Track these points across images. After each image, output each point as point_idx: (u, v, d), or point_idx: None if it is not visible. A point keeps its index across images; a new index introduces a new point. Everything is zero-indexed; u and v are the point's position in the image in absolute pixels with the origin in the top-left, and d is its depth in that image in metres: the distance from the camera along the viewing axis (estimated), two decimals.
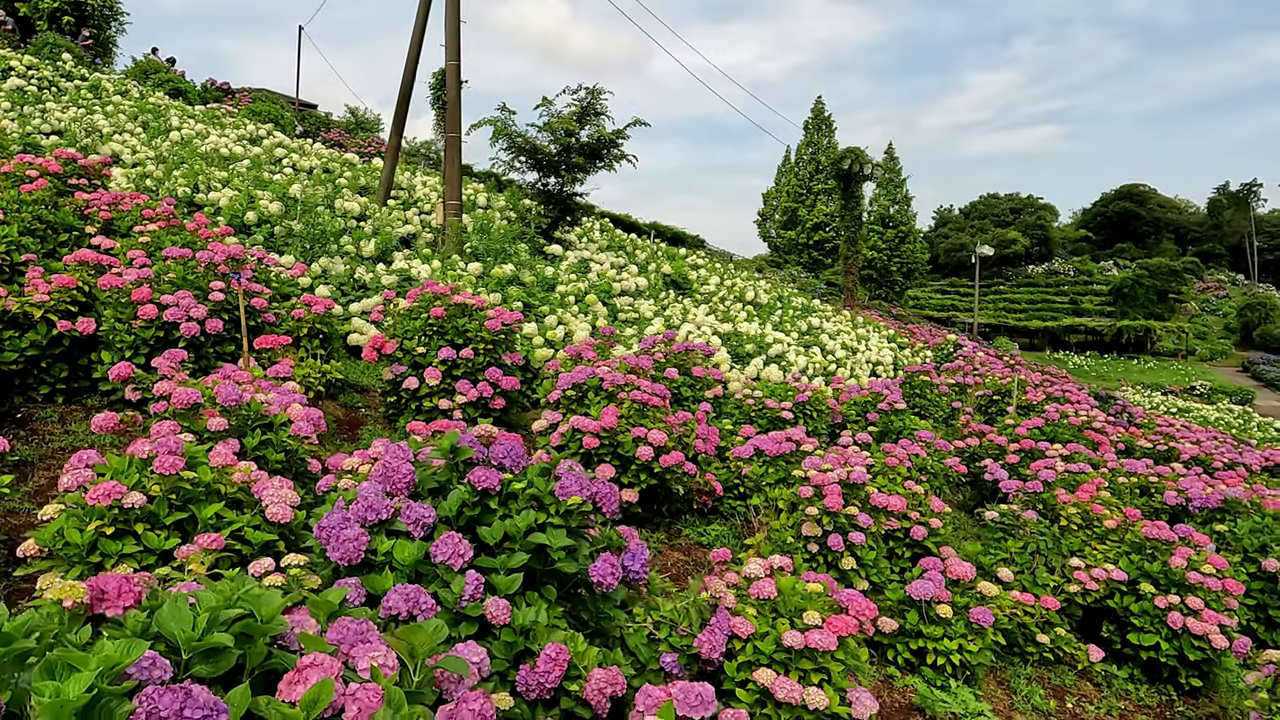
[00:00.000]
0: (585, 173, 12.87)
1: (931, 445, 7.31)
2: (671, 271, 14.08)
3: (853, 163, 27.95)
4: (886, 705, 4.64)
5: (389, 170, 13.32)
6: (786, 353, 10.38)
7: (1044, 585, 5.74)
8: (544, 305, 9.04)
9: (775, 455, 5.73)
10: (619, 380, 5.95)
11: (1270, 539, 6.49)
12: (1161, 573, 5.82)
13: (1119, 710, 5.26)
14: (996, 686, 5.21)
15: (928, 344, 17.16)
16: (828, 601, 3.62)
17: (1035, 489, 6.67)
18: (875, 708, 3.40)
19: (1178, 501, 7.23)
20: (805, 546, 5.29)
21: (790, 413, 7.85)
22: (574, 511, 3.16)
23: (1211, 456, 11.13)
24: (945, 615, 4.95)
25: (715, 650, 3.25)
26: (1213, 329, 65.11)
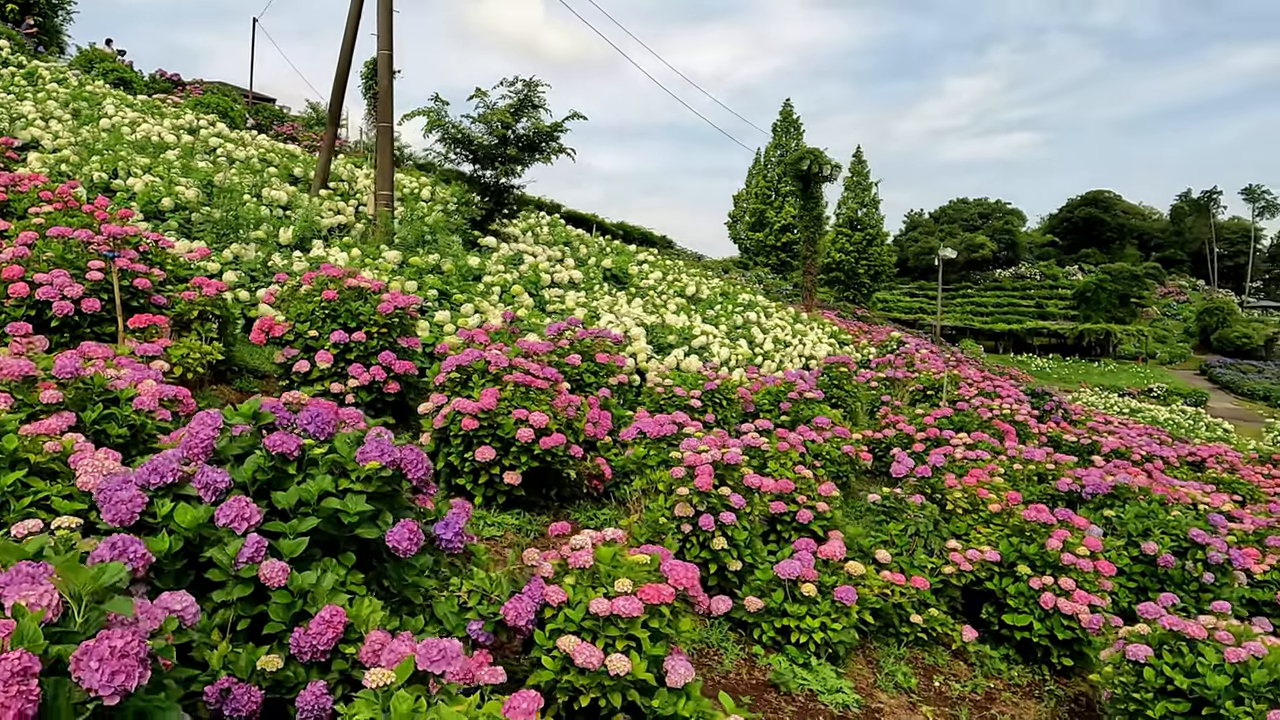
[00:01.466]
0: (521, 165, 12.84)
1: (830, 431, 7.36)
2: (612, 266, 14.09)
3: (811, 163, 28.13)
4: (745, 682, 4.66)
5: (324, 161, 13.21)
6: (710, 344, 10.43)
7: (921, 567, 5.79)
8: (461, 294, 9.00)
9: (657, 437, 5.74)
10: (503, 363, 5.92)
11: (1153, 523, 6.61)
12: (1038, 555, 5.90)
13: (985, 688, 5.32)
14: (865, 665, 5.25)
15: (872, 341, 17.33)
16: (651, 572, 3.62)
17: (924, 474, 6.74)
18: (690, 676, 3.40)
19: (1071, 487, 7.35)
20: (679, 527, 5.30)
21: (699, 401, 7.87)
22: (373, 477, 3.13)
23: (1131, 450, 11.34)
24: (810, 594, 4.98)
25: (521, 618, 3.23)
26: (1173, 333, 66.30)
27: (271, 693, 2.76)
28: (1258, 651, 4.14)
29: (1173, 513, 6.68)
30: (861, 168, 57.14)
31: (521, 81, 12.69)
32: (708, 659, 4.79)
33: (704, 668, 4.70)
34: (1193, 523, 6.52)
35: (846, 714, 4.58)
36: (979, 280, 76.35)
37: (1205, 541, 6.34)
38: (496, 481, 5.76)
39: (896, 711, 4.77)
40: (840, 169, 28.44)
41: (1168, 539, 6.44)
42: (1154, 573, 6.41)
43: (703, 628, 5.06)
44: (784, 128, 54.65)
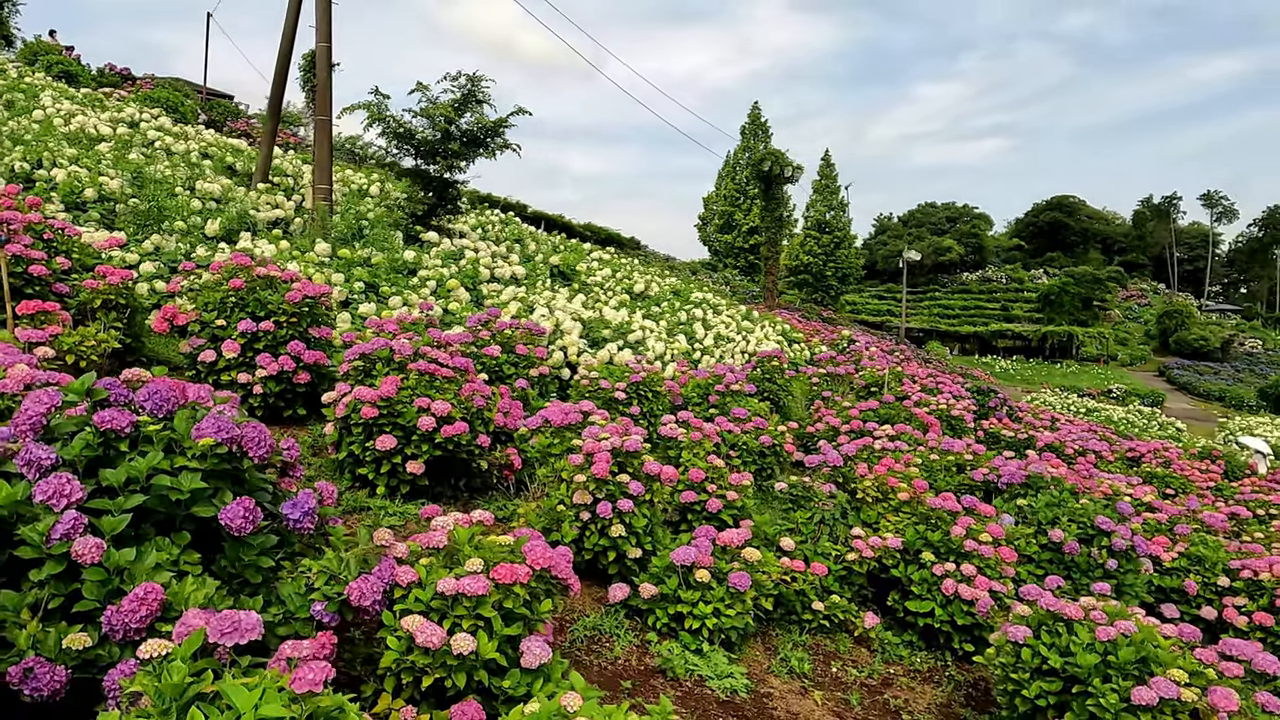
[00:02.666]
0: (465, 160, 12.75)
1: (748, 423, 7.37)
2: (560, 263, 14.05)
3: (773, 164, 28.28)
4: (634, 669, 4.63)
5: (265, 154, 13.03)
6: (646, 339, 10.42)
7: (825, 554, 5.81)
8: (389, 287, 8.90)
9: (562, 425, 5.70)
10: (408, 351, 5.86)
11: (1061, 512, 6.69)
12: (942, 542, 5.95)
13: (883, 674, 5.34)
14: (763, 652, 5.25)
15: (823, 340, 17.44)
16: (512, 553, 3.58)
17: (836, 463, 6.77)
18: (546, 657, 3.37)
19: (988, 477, 7.42)
20: (577, 515, 5.26)
21: (623, 393, 7.84)
22: (209, 454, 3.06)
23: (1064, 445, 11.49)
24: (704, 580, 4.97)
25: (367, 598, 3.18)
26: (1134, 335, 67.51)
27: (83, 672, 2.69)
28: (1128, 630, 4.19)
29: (1081, 501, 6.77)
30: (830, 171, 57.57)
31: (465, 76, 12.62)
32: (599, 646, 4.76)
33: (594, 654, 4.67)
34: (1100, 510, 6.60)
35: (734, 699, 4.56)
36: (947, 283, 77.25)
37: (1110, 529, 6.42)
38: (399, 471, 5.69)
39: (786, 696, 4.77)
40: (802, 170, 28.64)
41: (1074, 526, 6.52)
42: (1061, 559, 6.48)
43: (598, 615, 5.03)
44: (752, 130, 54.95)
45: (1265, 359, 62.38)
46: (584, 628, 4.86)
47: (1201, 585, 6.96)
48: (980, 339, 63.38)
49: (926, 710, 4.99)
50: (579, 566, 5.41)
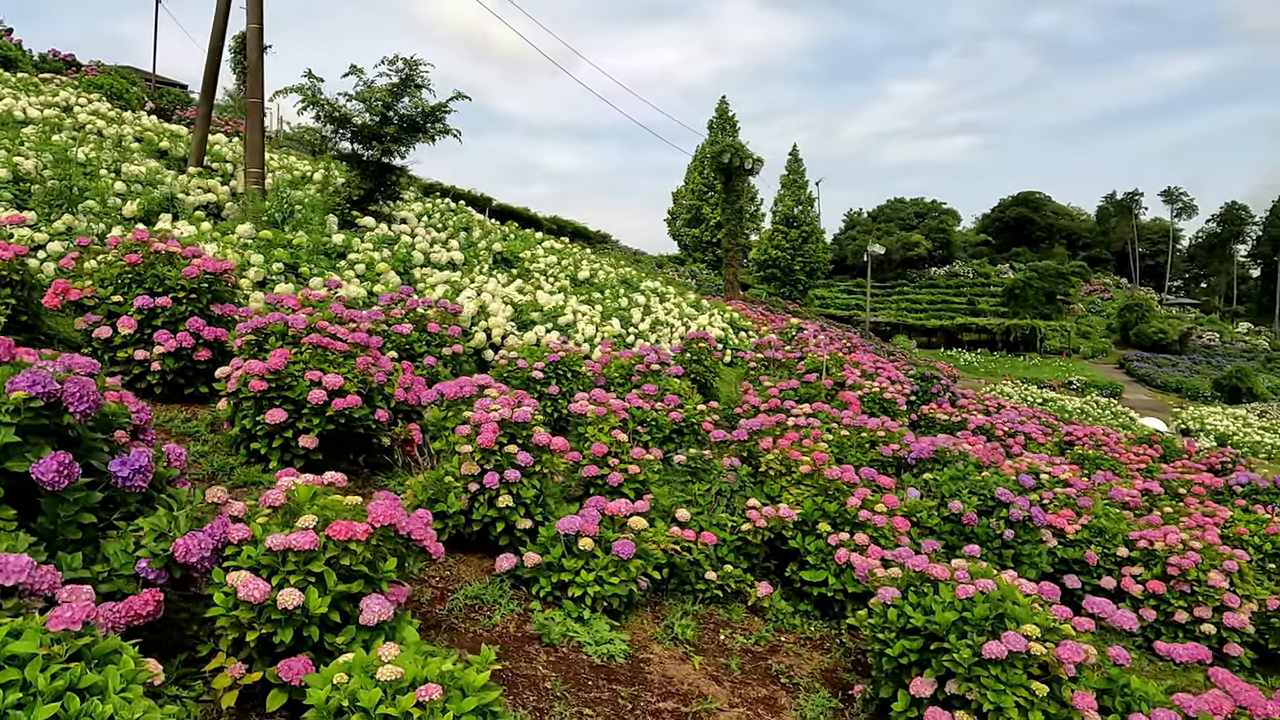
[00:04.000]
0: (403, 145, 12.65)
1: (661, 400, 7.40)
2: (503, 250, 14.00)
3: (732, 156, 28.38)
4: (511, 635, 4.63)
5: (199, 138, 12.83)
6: (577, 322, 10.42)
7: (721, 525, 5.84)
8: (309, 267, 8.81)
9: (455, 398, 5.68)
10: (302, 325, 5.80)
11: (964, 485, 6.79)
12: (838, 512, 6.01)
13: (771, 642, 5.39)
14: (651, 620, 5.27)
15: (773, 329, 17.56)
16: (356, 511, 3.56)
17: (741, 437, 6.82)
18: (386, 614, 3.36)
19: (899, 453, 7.51)
20: (466, 486, 5.25)
21: (542, 372, 7.84)
22: (22, 408, 3.01)
23: (995, 427, 11.65)
24: (587, 548, 4.98)
25: (194, 554, 3.15)
26: (1096, 329, 68.64)
27: None
28: (986, 588, 4.27)
29: (983, 474, 6.87)
30: (797, 166, 57.84)
31: (403, 60, 12.50)
32: (478, 614, 4.75)
33: (471, 621, 4.66)
34: (999, 483, 6.71)
35: (609, 664, 4.58)
36: (915, 278, 78.04)
37: (1009, 500, 6.52)
38: (292, 445, 5.63)
39: (665, 661, 4.80)
40: (762, 162, 28.76)
41: (974, 499, 6.61)
42: (961, 531, 6.58)
43: (482, 585, 5.02)
44: (720, 125, 55.07)
45: (1222, 351, 63.75)
46: (464, 596, 4.86)
47: (1102, 556, 7.11)
48: (946, 333, 64.11)
49: (810, 675, 5.04)
50: (469, 538, 5.42)
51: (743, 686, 4.72)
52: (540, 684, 4.18)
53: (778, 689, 4.79)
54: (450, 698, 2.81)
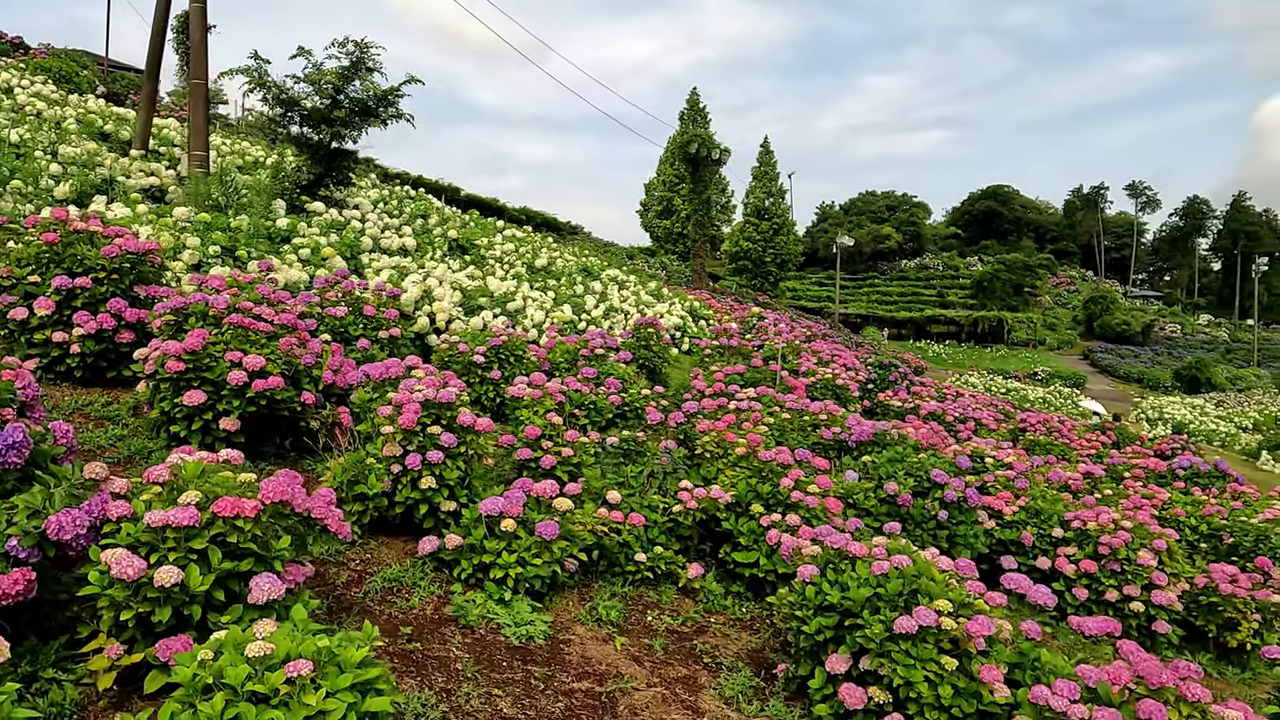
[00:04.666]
0: (354, 129, 12.43)
1: (604, 383, 7.35)
2: (458, 236, 13.84)
3: (700, 146, 28.33)
4: (427, 617, 4.55)
5: (143, 120, 12.52)
6: (527, 308, 10.33)
7: (653, 506, 5.80)
8: (245, 250, 8.63)
9: (380, 379, 5.58)
10: (221, 305, 5.66)
11: (901, 467, 6.80)
12: (771, 494, 6.00)
13: (699, 622, 5.36)
14: (577, 602, 5.22)
15: (734, 317, 17.58)
16: (249, 488, 3.46)
17: (678, 420, 6.78)
18: (277, 593, 3.27)
19: (840, 436, 7.52)
20: (389, 468, 5.16)
21: (483, 357, 7.74)
22: None
23: (946, 413, 11.74)
24: (510, 529, 4.91)
25: (67, 531, 3.04)
26: (1062, 321, 69.67)
27: None
28: (902, 564, 4.26)
29: (920, 456, 6.89)
30: (769, 158, 57.97)
31: (353, 43, 12.28)
32: (395, 596, 4.67)
33: (387, 604, 4.58)
34: (936, 464, 6.73)
35: (528, 645, 4.52)
36: (885, 270, 78.68)
37: (944, 481, 6.55)
38: (212, 428, 5.49)
39: (587, 642, 4.75)
40: (729, 153, 28.72)
41: (911, 480, 6.63)
42: (897, 512, 6.59)
43: (402, 567, 4.94)
44: (691, 116, 55.00)
45: (1183, 343, 65.07)
46: (382, 579, 4.77)
47: (1038, 537, 7.17)
48: (916, 324, 64.67)
49: (735, 656, 5.02)
50: (393, 521, 5.33)
51: (664, 666, 4.69)
52: (451, 665, 4.11)
53: (700, 669, 4.76)
54: (326, 674, 2.74)
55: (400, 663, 4.01)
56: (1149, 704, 3.31)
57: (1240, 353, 62.44)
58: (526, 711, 3.86)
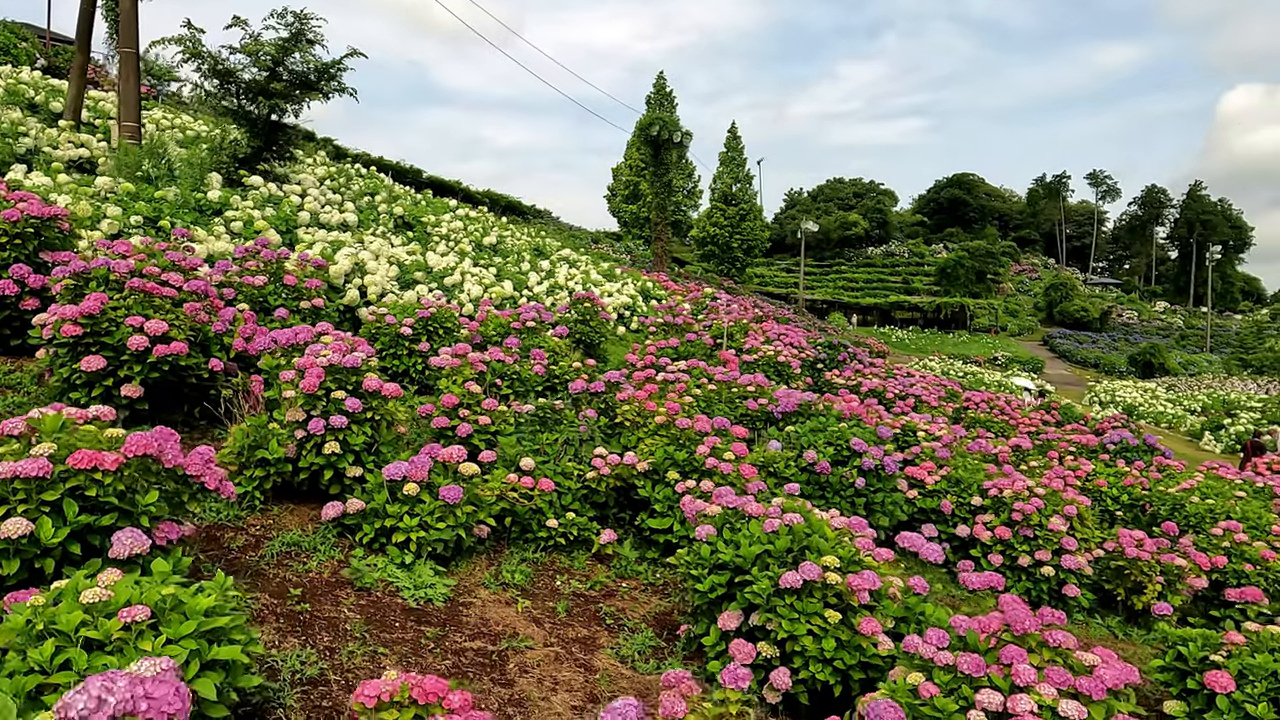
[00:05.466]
0: (293, 102, 12.19)
1: (516, 353, 7.33)
2: (404, 213, 13.67)
3: (661, 129, 28.24)
4: (323, 580, 4.51)
5: (74, 91, 12.17)
6: (464, 282, 10.24)
7: (567, 473, 5.80)
8: (171, 221, 8.44)
9: (288, 345, 5.50)
10: (124, 269, 5.53)
11: (822, 436, 6.87)
12: (687, 460, 6.02)
13: (608, 587, 5.39)
14: (486, 567, 5.21)
15: (686, 298, 17.62)
16: (115, 442, 3.39)
17: (598, 389, 6.78)
18: (141, 547, 3.20)
19: (767, 407, 7.57)
20: (293, 432, 5.10)
21: (410, 329, 7.67)
22: None
23: (886, 389, 11.87)
24: (412, 493, 4.88)
25: None
26: (1024, 307, 70.80)
27: None
28: (793, 522, 4.31)
29: (841, 425, 6.97)
30: (736, 143, 57.86)
31: (292, 14, 12.02)
32: (293, 560, 4.62)
33: (284, 568, 4.53)
34: (856, 434, 6.81)
35: (425, 607, 4.51)
36: (852, 257, 79.23)
37: (863, 449, 6.63)
38: (114, 395, 5.38)
39: (488, 605, 4.75)
40: (691, 136, 28.69)
41: (830, 449, 6.70)
42: (816, 480, 6.66)
43: (303, 532, 4.89)
44: (658, 100, 54.70)
45: (1140, 329, 66.49)
46: (281, 543, 4.72)
47: (957, 505, 7.29)
48: (881, 310, 65.34)
49: (641, 618, 5.05)
50: (299, 487, 5.27)
51: (564, 628, 4.70)
52: (340, 625, 4.09)
53: (601, 630, 4.78)
54: (168, 621, 2.70)
55: (287, 623, 3.98)
56: (1011, 649, 3.39)
57: (1194, 339, 63.98)
58: (411, 669, 3.84)
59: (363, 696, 2.28)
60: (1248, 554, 6.86)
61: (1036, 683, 3.22)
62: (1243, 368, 48.62)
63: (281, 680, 3.46)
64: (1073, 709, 3.10)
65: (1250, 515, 7.80)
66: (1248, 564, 6.78)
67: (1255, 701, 4.21)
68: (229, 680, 2.87)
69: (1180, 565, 6.47)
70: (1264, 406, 28.73)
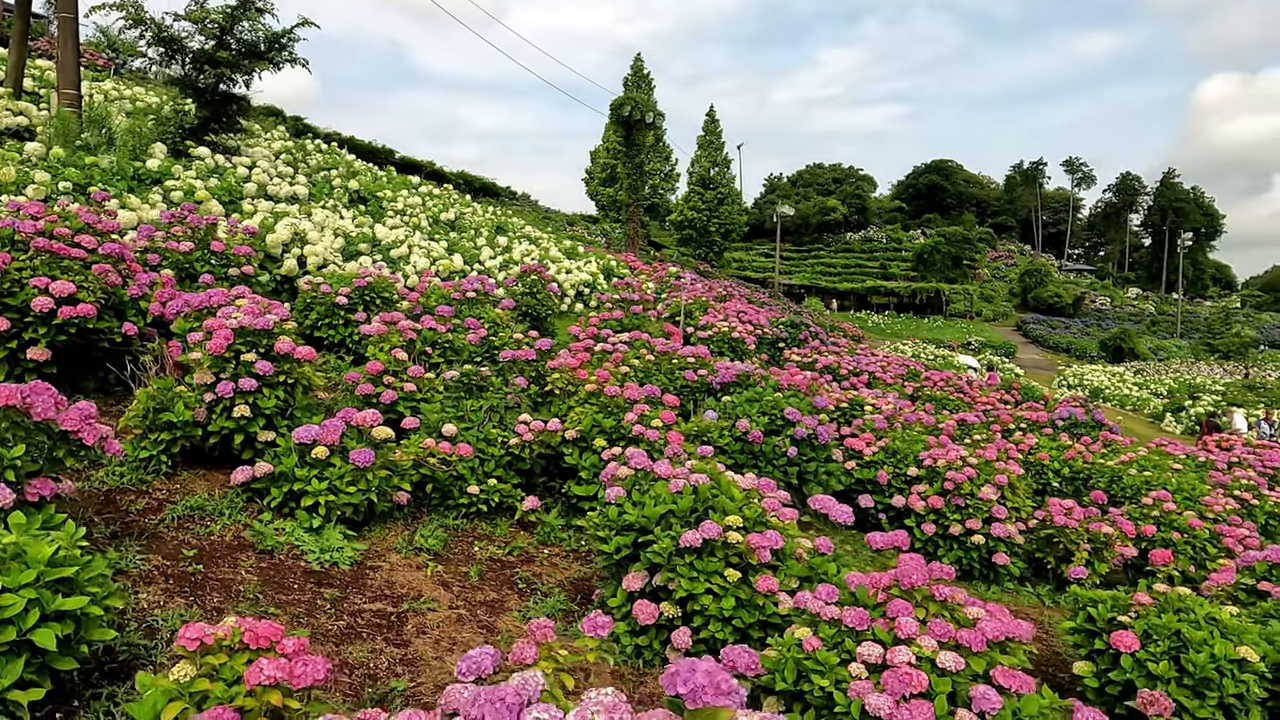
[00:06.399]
0: (242, 72, 11.93)
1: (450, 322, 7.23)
2: (360, 188, 13.47)
3: (633, 110, 28.04)
4: (225, 543, 4.43)
5: (14, 59, 11.82)
6: (411, 255, 10.11)
7: (491, 440, 5.74)
8: (99, 188, 8.24)
9: (200, 308, 5.37)
10: (30, 229, 5.37)
11: (756, 406, 6.84)
12: (615, 428, 5.97)
13: (527, 552, 5.34)
14: (402, 532, 5.14)
15: (651, 277, 17.54)
16: None
17: (529, 357, 6.71)
18: (5, 502, 3.12)
19: (706, 378, 7.53)
20: (201, 395, 4.99)
21: (346, 298, 7.55)
22: None
23: (840, 365, 11.89)
24: (321, 457, 4.80)
25: None
26: (999, 293, 71.30)
27: None
28: (699, 482, 4.27)
29: (776, 395, 6.94)
30: (714, 127, 57.82)
31: None
32: (197, 522, 4.53)
33: (185, 531, 4.44)
34: (791, 403, 6.79)
35: (330, 570, 4.44)
36: (830, 243, 79.32)
37: (796, 419, 6.61)
38: (20, 358, 5.24)
39: (397, 569, 4.68)
40: (664, 117, 28.51)
41: (764, 418, 6.68)
42: (749, 449, 6.63)
43: (209, 496, 4.80)
44: (635, 82, 54.39)
45: (1112, 315, 67.22)
46: (185, 507, 4.62)
47: (893, 475, 7.30)
48: (858, 295, 65.55)
49: (558, 583, 5.01)
50: (211, 452, 5.16)
51: (474, 592, 4.65)
52: (234, 587, 4.01)
53: (512, 594, 4.74)
54: (7, 570, 2.61)
55: (176, 584, 3.89)
56: (898, 603, 3.37)
57: (1165, 325, 64.78)
58: (300, 630, 3.77)
59: (185, 639, 2.21)
60: (1176, 523, 6.92)
61: (918, 635, 3.21)
62: (1210, 353, 49.29)
63: (159, 639, 3.39)
64: (950, 660, 3.09)
65: (1185, 487, 7.88)
66: (1175, 532, 6.85)
67: (1157, 660, 4.24)
68: (82, 633, 2.80)
69: (1108, 533, 6.52)
70: (1226, 390, 29.16)
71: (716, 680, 1.53)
